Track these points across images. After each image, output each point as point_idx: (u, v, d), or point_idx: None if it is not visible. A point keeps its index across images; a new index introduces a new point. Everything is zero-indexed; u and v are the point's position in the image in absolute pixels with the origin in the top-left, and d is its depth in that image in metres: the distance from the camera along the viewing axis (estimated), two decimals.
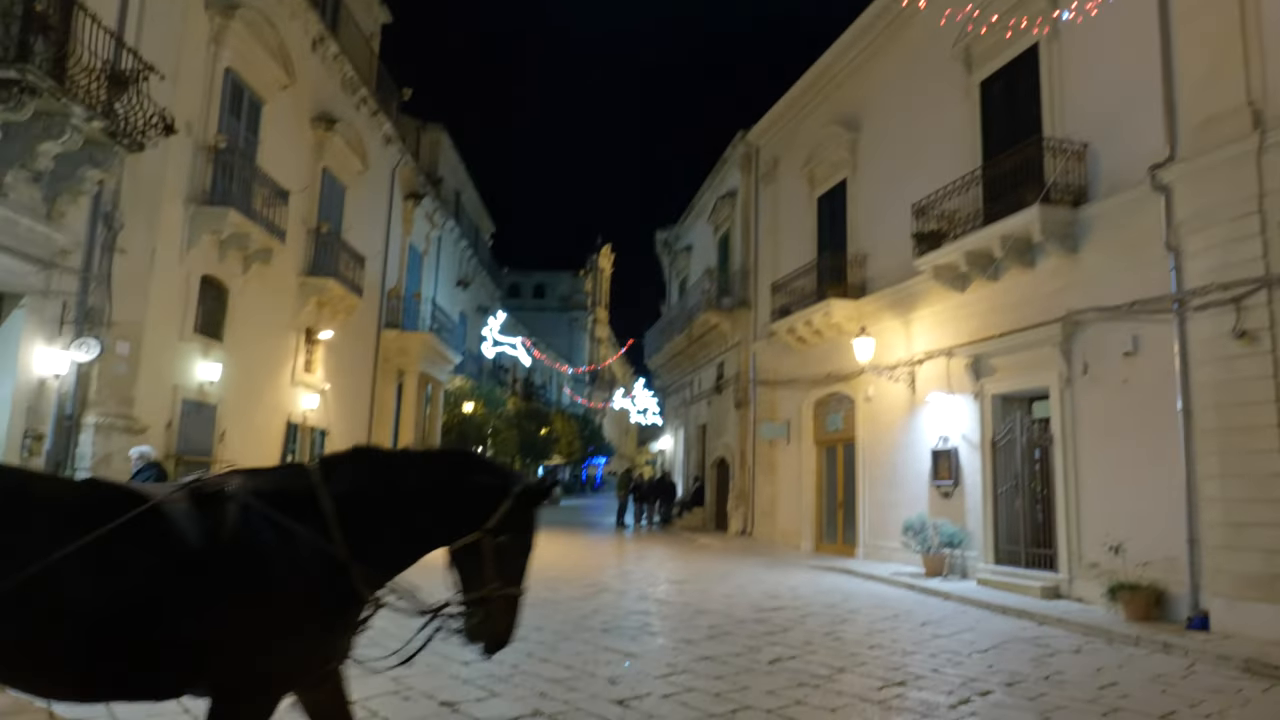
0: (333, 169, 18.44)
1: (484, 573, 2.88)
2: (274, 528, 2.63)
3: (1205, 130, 9.15)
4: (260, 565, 2.59)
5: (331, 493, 2.75)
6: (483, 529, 2.85)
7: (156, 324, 12.02)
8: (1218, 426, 8.80)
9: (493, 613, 2.89)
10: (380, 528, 2.82)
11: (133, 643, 2.47)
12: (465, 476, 2.96)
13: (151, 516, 2.53)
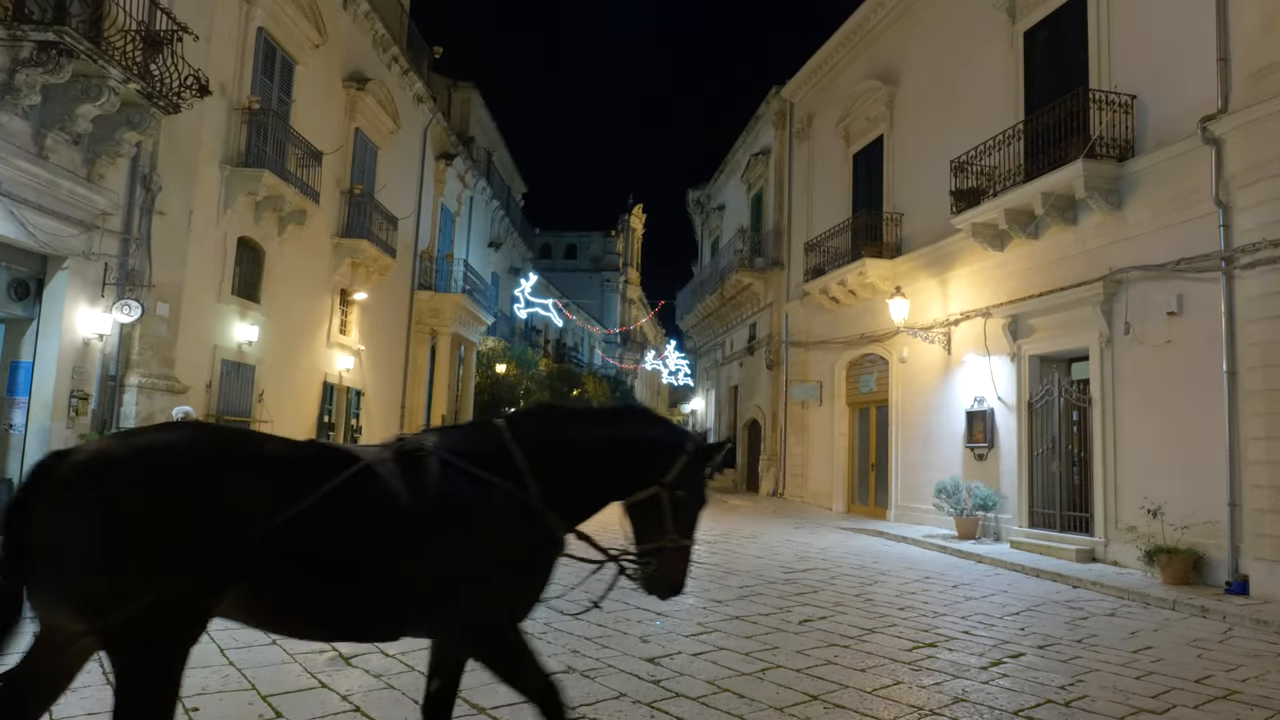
0: (365, 129, 18.46)
1: (662, 525, 3.05)
2: (473, 480, 2.85)
3: (1259, 81, 8.77)
4: (465, 515, 2.81)
5: (522, 447, 2.96)
6: (660, 483, 3.03)
7: (195, 286, 12.23)
8: (1264, 388, 8.57)
9: (667, 562, 3.07)
10: (566, 479, 3.01)
11: (360, 587, 2.70)
12: (643, 432, 3.16)
13: (368, 473, 2.74)
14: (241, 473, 2.58)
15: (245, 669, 5.08)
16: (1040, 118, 11.71)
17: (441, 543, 2.75)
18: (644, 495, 3.06)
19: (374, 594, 2.72)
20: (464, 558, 2.78)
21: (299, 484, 2.62)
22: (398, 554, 2.71)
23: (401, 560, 2.71)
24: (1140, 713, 4.86)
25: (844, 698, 4.93)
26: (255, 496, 2.54)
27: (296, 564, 2.61)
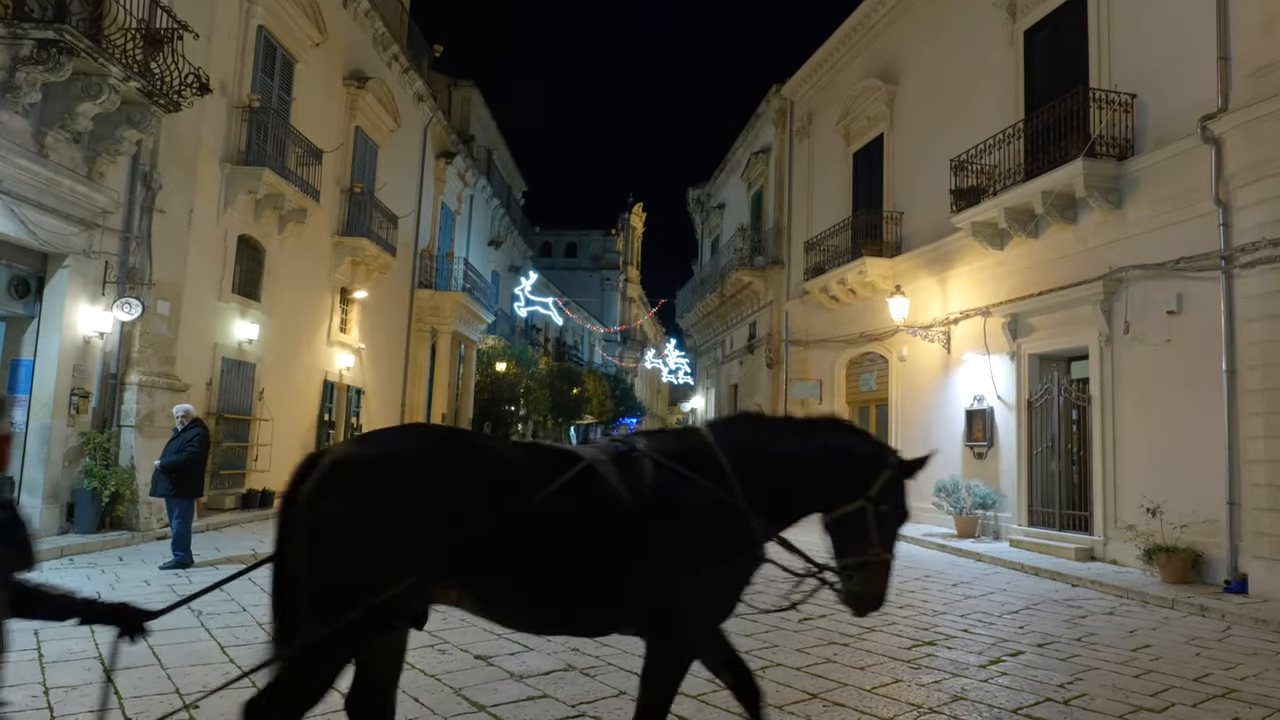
0: (365, 127, 18.45)
1: (866, 539, 3.04)
2: (684, 482, 2.92)
3: (1260, 79, 8.77)
4: (681, 515, 2.88)
5: (726, 453, 3.00)
6: (866, 496, 3.02)
7: (196, 283, 12.23)
8: (1264, 387, 8.58)
9: (869, 578, 3.05)
10: (768, 487, 3.03)
11: (584, 583, 2.84)
12: (848, 445, 3.16)
13: (589, 473, 2.86)
14: (476, 474, 2.74)
15: (246, 667, 5.08)
16: (1040, 116, 11.71)
17: (660, 541, 2.84)
18: (849, 509, 3.06)
19: (597, 589, 2.85)
20: (680, 557, 2.87)
21: (528, 483, 2.76)
22: (621, 551, 2.82)
23: (624, 557, 2.82)
24: (1139, 711, 4.87)
25: (843, 696, 4.94)
26: (489, 496, 2.69)
27: (525, 560, 2.75)
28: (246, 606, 6.78)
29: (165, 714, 3.17)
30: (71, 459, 9.92)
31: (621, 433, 3.00)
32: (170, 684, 4.70)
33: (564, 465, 2.85)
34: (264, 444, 14.29)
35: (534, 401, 31.86)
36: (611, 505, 2.83)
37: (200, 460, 8.78)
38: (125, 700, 4.40)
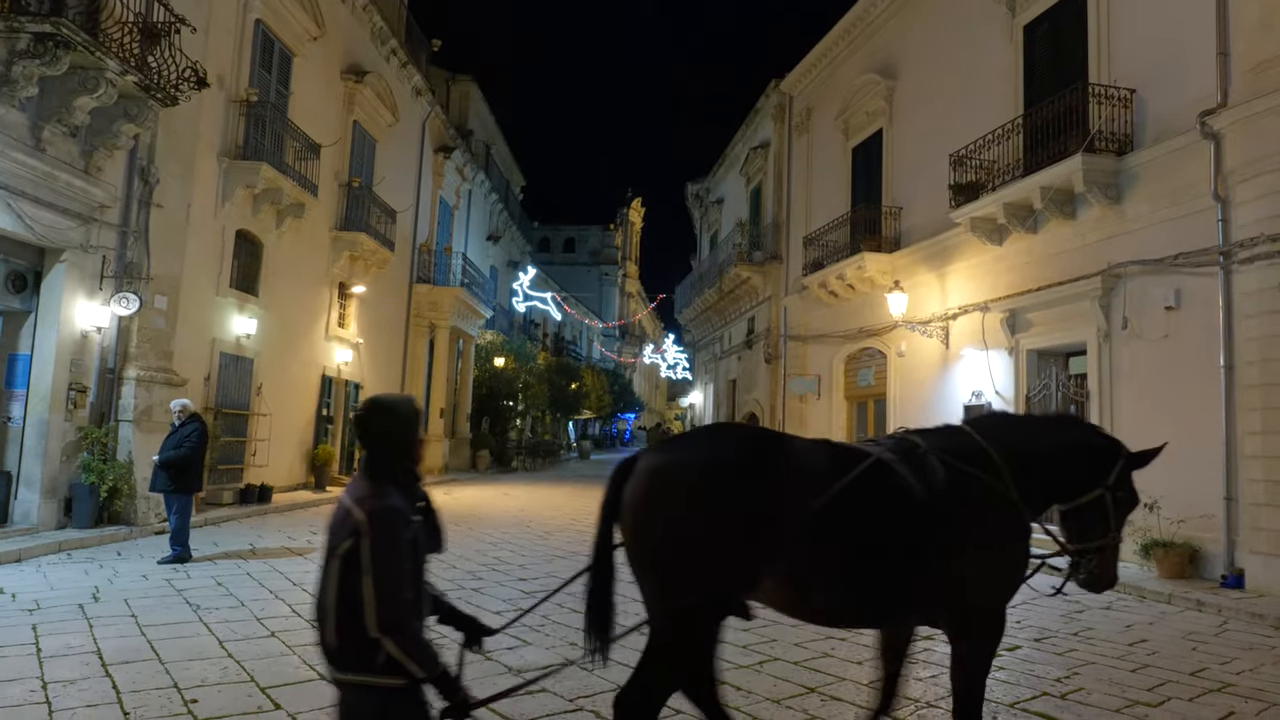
0: (363, 122, 18.42)
1: (1105, 524, 3.34)
2: (971, 478, 3.13)
3: (1259, 75, 8.77)
4: (974, 509, 3.11)
5: (995, 449, 3.22)
6: (1105, 486, 3.32)
7: (194, 278, 12.22)
8: (1261, 382, 8.59)
9: (1106, 560, 3.37)
10: (1030, 479, 3.25)
11: (887, 575, 3.03)
12: (1089, 439, 3.47)
13: (882, 468, 3.07)
14: (789, 473, 2.96)
15: (244, 661, 5.10)
16: (1039, 112, 11.70)
17: (957, 534, 3.05)
18: (1089, 497, 3.31)
19: (897, 579, 3.04)
20: (975, 547, 3.09)
21: (828, 480, 2.96)
22: (921, 543, 3.02)
23: (924, 549, 3.02)
24: (1135, 705, 4.88)
25: (841, 690, 4.96)
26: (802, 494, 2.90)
27: (834, 554, 2.95)
28: (245, 601, 6.78)
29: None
30: (69, 454, 9.92)
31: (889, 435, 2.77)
32: (169, 678, 4.71)
33: (859, 460, 3.08)
34: (262, 439, 14.28)
35: (532, 397, 31.86)
36: (910, 500, 3.03)
37: (198, 455, 8.77)
38: (123, 695, 4.41)
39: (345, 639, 2.22)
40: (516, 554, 9.84)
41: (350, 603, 2.19)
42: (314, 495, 15.21)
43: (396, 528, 2.23)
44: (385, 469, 2.38)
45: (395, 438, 2.41)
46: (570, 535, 11.73)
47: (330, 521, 2.33)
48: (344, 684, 2.26)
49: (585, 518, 14.10)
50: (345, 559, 2.21)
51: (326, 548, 2.28)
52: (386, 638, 2.18)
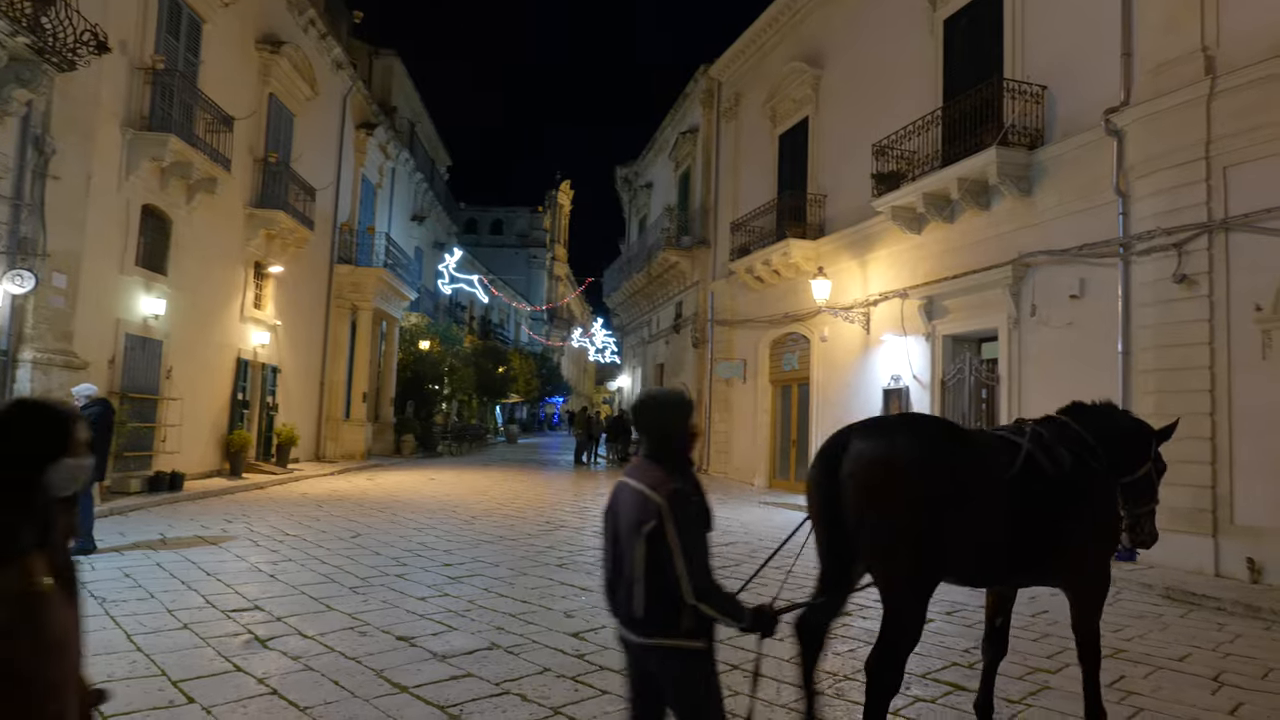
0: (280, 95, 17.72)
1: (1153, 491, 4.03)
2: (1081, 458, 3.80)
3: (1159, 75, 9.24)
4: (1093, 485, 3.80)
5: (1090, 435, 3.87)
6: (1150, 459, 4.02)
7: (95, 255, 11.58)
8: (1155, 367, 9.12)
9: (1151, 520, 4.03)
10: (1114, 457, 3.91)
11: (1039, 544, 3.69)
12: (1136, 424, 4.13)
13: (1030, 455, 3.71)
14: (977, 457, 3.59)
15: (154, 654, 4.91)
16: (958, 104, 12.08)
17: (1086, 505, 3.76)
18: (1142, 471, 3.98)
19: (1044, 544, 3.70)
20: (1096, 518, 3.83)
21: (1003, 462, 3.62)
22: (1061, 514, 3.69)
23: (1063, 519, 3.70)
24: (1036, 672, 5.17)
25: (761, 667, 5.08)
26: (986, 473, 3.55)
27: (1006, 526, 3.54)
28: (155, 593, 6.52)
29: None
30: None
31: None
32: None
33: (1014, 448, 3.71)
34: (173, 424, 13.70)
35: (459, 380, 31.42)
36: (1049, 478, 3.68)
37: (98, 441, 8.34)
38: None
39: (652, 607, 2.51)
40: (442, 539, 9.73)
41: (657, 575, 2.49)
42: (229, 482, 14.69)
43: (691, 506, 2.55)
44: (667, 455, 2.67)
45: (674, 427, 2.69)
46: (497, 520, 11.65)
47: (619, 504, 2.63)
48: (649, 648, 2.56)
49: (512, 502, 14.03)
50: (650, 538, 2.49)
51: (626, 528, 2.57)
52: (702, 603, 2.50)
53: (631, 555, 2.54)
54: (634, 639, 2.59)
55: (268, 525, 10.40)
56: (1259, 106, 8.28)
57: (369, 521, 11.04)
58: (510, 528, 10.85)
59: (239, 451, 15.71)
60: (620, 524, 2.60)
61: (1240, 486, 8.33)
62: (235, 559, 8.11)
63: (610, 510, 2.70)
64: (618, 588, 2.61)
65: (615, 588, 2.63)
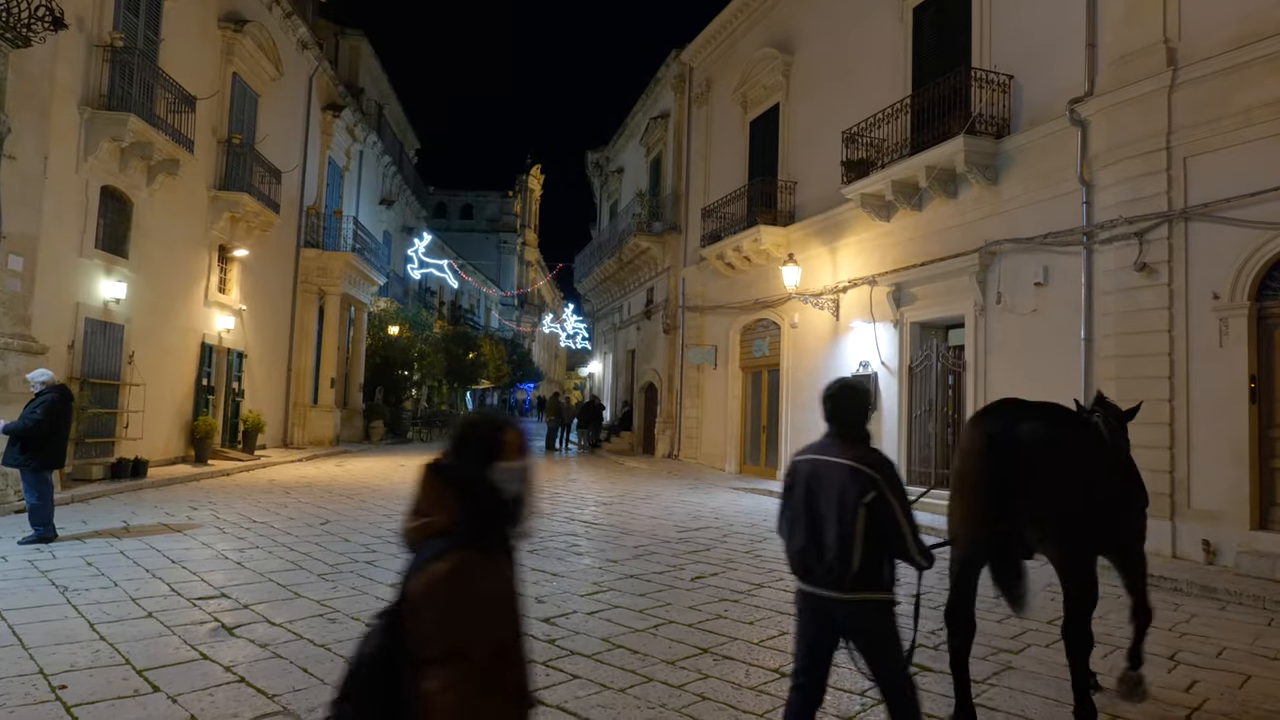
0: (244, 75, 17.36)
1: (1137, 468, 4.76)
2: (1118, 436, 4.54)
3: (1122, 66, 9.39)
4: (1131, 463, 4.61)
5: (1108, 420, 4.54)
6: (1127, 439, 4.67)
7: (53, 237, 11.30)
8: (1116, 354, 9.32)
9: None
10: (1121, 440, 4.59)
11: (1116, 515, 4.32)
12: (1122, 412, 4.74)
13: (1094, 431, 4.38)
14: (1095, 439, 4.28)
15: (118, 643, 4.85)
16: (926, 93, 12.17)
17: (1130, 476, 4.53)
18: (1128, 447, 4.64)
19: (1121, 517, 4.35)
20: (1136, 491, 4.56)
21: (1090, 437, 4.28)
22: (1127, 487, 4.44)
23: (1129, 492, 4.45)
24: (1000, 653, 5.29)
25: (733, 649, 5.15)
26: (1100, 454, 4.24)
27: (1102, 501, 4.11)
28: (118, 581, 6.42)
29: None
30: None
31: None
32: (33, 664, 4.43)
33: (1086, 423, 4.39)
34: (135, 410, 13.45)
35: (428, 366, 31.18)
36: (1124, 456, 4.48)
37: (53, 427, 8.12)
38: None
39: (865, 566, 2.93)
40: None
41: (873, 539, 2.93)
42: (194, 469, 14.47)
43: (898, 476, 3.01)
44: (860, 434, 3.11)
45: (865, 411, 3.18)
46: None
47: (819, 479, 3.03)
48: (856, 601, 2.98)
49: None
50: (871, 507, 2.92)
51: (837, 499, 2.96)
52: (920, 556, 2.98)
53: (849, 523, 2.93)
54: (839, 596, 2.97)
55: (234, 512, 10.28)
56: (1218, 98, 8.46)
57: (338, 508, 10.96)
58: None
59: (204, 438, 15.48)
60: (825, 496, 3.00)
61: (1197, 471, 8.55)
62: (201, 546, 8.00)
63: (803, 485, 3.09)
64: (819, 553, 2.99)
65: (812, 554, 3.02)
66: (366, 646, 1.78)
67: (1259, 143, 8.14)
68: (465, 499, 1.82)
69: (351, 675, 1.77)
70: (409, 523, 1.86)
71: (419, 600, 1.69)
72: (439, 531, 1.79)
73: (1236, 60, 8.27)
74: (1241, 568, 7.75)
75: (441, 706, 1.61)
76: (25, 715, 3.76)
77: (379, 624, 1.79)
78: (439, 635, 1.65)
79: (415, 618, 1.69)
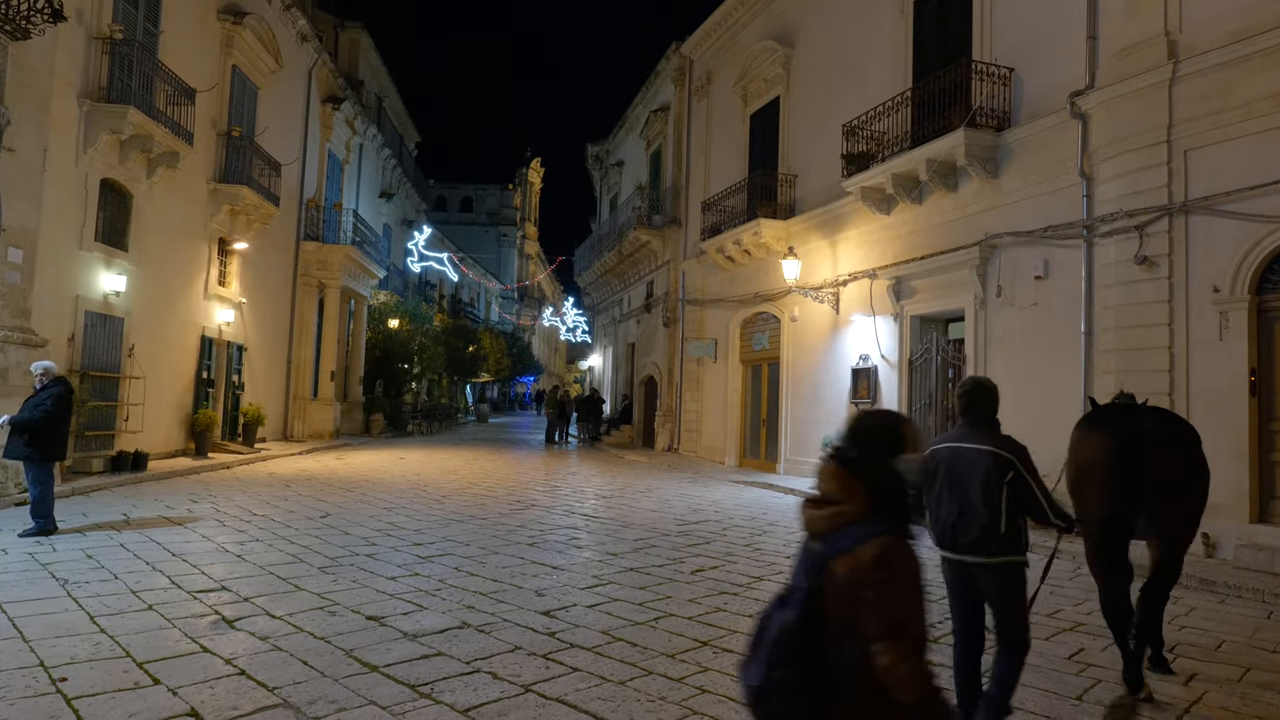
0: (243, 67, 17.32)
1: None
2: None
3: (1123, 59, 9.36)
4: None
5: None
6: None
7: (53, 230, 11.29)
8: (1116, 348, 9.31)
9: None
10: None
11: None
12: None
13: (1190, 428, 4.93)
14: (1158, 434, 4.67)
15: (119, 636, 4.86)
16: (927, 86, 12.13)
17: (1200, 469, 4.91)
18: None
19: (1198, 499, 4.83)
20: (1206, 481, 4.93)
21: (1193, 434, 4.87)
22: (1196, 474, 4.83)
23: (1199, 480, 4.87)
24: None
25: (732, 642, 5.15)
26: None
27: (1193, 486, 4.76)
28: (118, 574, 6.44)
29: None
30: None
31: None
32: (33, 656, 4.44)
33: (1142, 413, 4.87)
34: (135, 403, 13.46)
35: (428, 359, 31.17)
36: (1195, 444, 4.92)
37: (58, 420, 8.14)
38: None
39: (1008, 534, 3.51)
40: (412, 519, 9.70)
41: (1014, 511, 3.53)
42: (194, 462, 14.48)
43: (1030, 456, 3.59)
44: (993, 423, 3.74)
45: (993, 404, 3.79)
46: (467, 499, 11.63)
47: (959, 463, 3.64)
48: (998, 564, 3.56)
49: (483, 481, 14.01)
50: (1012, 484, 3.52)
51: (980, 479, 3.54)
52: (1059, 520, 3.61)
53: (995, 500, 3.50)
54: (985, 560, 3.56)
55: (234, 505, 10.29)
56: (1219, 91, 8.43)
57: (338, 501, 10.97)
58: (481, 507, 10.85)
59: (204, 431, 15.50)
60: (969, 477, 3.57)
61: None
62: (201, 539, 8.02)
63: (945, 468, 3.66)
64: (966, 526, 3.57)
65: (960, 526, 3.59)
66: (782, 620, 1.96)
67: (1259, 136, 8.11)
68: (875, 489, 1.99)
69: (775, 645, 1.95)
70: (816, 511, 2.03)
71: (854, 582, 1.87)
72: (853, 519, 1.96)
73: (1237, 53, 8.25)
74: (1241, 561, 7.76)
75: (897, 676, 1.83)
76: (26, 707, 3.78)
77: (793, 599, 1.99)
78: (882, 613, 1.84)
79: (850, 597, 1.87)
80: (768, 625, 2.02)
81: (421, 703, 4.00)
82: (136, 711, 3.79)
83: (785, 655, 1.93)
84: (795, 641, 1.93)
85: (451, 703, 4.00)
